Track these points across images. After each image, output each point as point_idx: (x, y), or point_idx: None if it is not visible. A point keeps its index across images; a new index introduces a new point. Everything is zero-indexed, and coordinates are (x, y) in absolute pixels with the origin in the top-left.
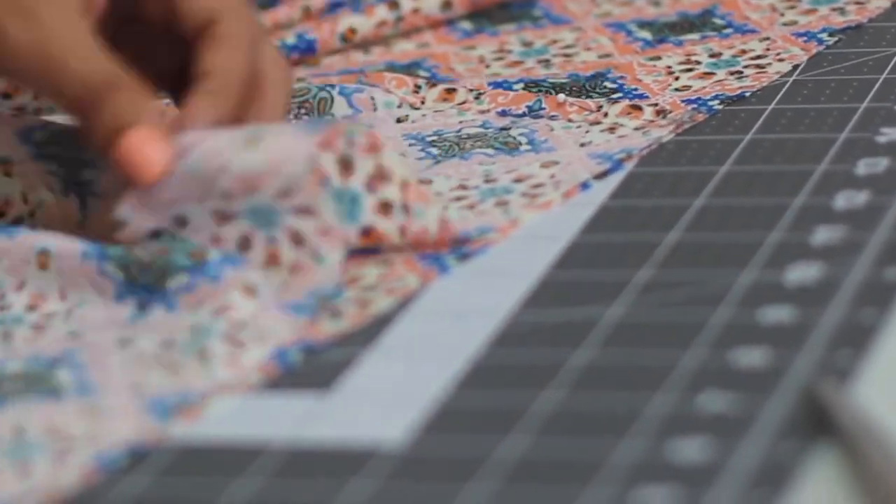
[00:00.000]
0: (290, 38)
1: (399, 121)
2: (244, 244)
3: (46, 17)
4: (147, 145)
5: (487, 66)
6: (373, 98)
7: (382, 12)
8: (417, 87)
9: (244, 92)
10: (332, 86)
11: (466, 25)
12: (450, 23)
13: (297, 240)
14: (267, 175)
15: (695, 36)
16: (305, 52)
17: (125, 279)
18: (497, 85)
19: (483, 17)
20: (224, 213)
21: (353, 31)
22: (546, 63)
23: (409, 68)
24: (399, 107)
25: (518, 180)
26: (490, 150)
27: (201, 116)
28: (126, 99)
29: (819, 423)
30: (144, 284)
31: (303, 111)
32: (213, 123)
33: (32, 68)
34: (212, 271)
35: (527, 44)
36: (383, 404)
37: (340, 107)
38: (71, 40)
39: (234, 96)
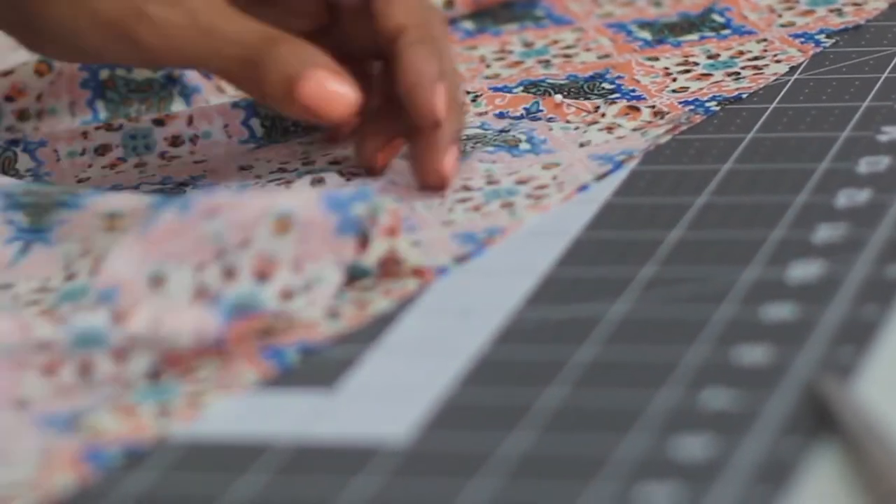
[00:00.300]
0: None
1: None
2: (228, 274)
3: None
4: (329, 82)
5: (488, 66)
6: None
7: None
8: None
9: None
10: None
11: (469, 25)
12: (452, 22)
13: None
14: (285, 265)
15: (693, 37)
16: None
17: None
18: (495, 88)
19: (486, 17)
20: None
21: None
22: (546, 63)
23: None
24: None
25: (521, 182)
26: (489, 148)
27: (426, 69)
28: (290, 48)
29: (821, 420)
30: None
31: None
32: (436, 74)
33: (185, 42)
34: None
35: (528, 44)
36: (387, 401)
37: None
38: (219, 13)
39: (437, 45)
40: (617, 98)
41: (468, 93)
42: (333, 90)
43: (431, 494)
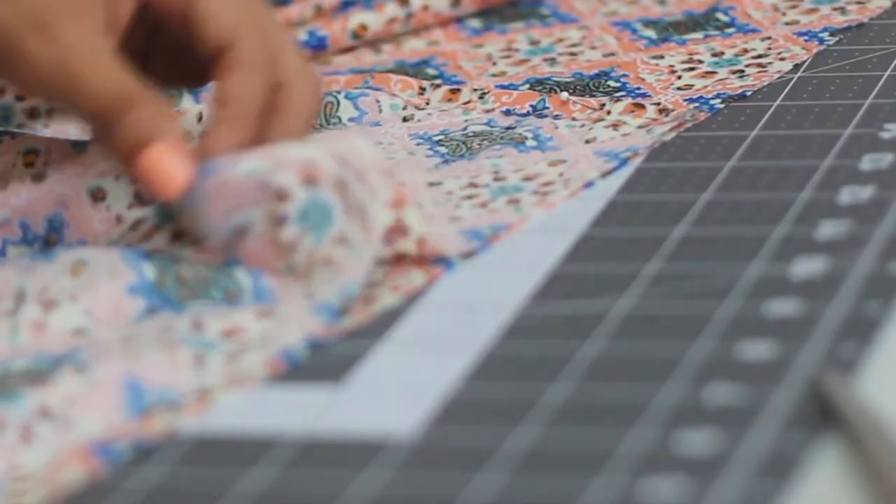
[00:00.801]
0: (302, 35)
1: (405, 119)
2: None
3: (66, 34)
4: (166, 160)
5: (494, 64)
6: (378, 101)
7: (393, 9)
8: (422, 90)
9: (263, 114)
10: (339, 91)
11: (475, 23)
12: (459, 20)
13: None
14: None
15: (698, 35)
16: (317, 49)
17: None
18: (502, 86)
19: (493, 15)
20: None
21: (363, 27)
22: (552, 61)
23: (418, 67)
24: (404, 108)
25: (527, 178)
26: (496, 146)
27: (221, 144)
28: (145, 114)
29: (824, 415)
30: (166, 296)
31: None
32: (232, 150)
33: (51, 84)
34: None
35: (534, 42)
36: (394, 396)
37: (346, 110)
38: (90, 57)
39: (252, 122)
40: (622, 96)
41: (475, 90)
42: (165, 171)
43: (438, 488)
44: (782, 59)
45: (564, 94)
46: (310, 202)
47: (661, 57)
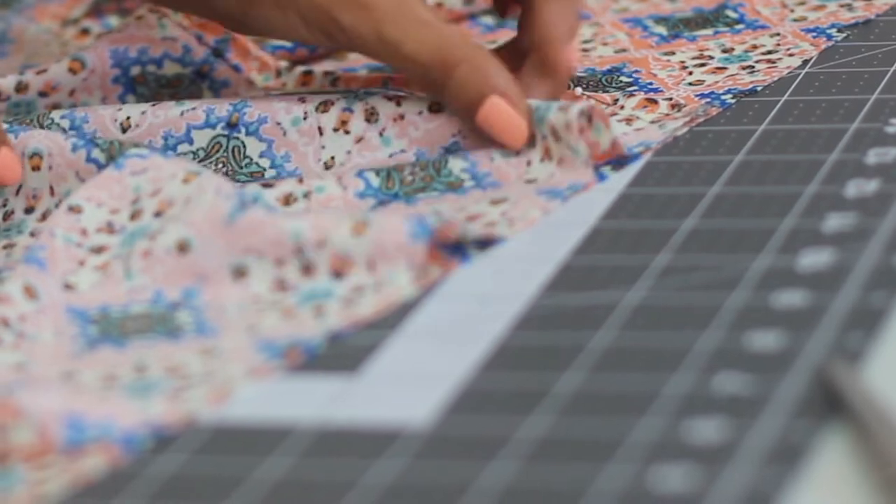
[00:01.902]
0: None
1: (327, 167)
2: (305, 270)
3: (377, 4)
4: (503, 113)
5: None
6: (279, 123)
7: None
8: (279, 73)
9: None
10: (237, 130)
11: (489, 20)
12: (472, 17)
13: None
14: (360, 265)
15: (708, 31)
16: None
17: None
18: None
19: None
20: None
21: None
22: None
23: None
24: (305, 119)
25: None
26: (434, 193)
27: (561, 24)
28: (470, 70)
29: (831, 404)
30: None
31: (220, 165)
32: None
33: (377, 54)
34: None
35: None
36: (409, 386)
37: (254, 147)
38: (403, 22)
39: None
40: (635, 91)
41: (326, 73)
42: (505, 122)
43: (452, 476)
44: (791, 55)
45: (578, 90)
46: (322, 289)
47: (672, 53)
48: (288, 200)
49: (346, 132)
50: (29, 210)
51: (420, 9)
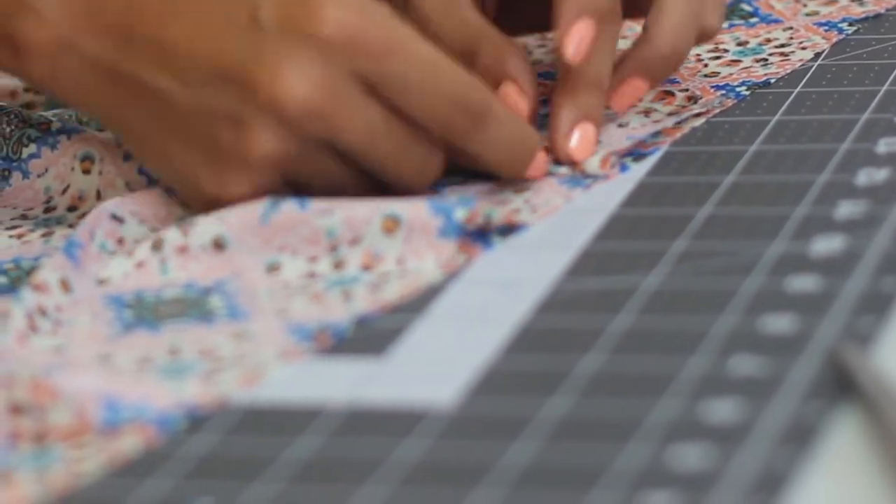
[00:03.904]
0: None
1: None
2: (337, 266)
3: None
4: (511, 99)
5: (530, 53)
6: None
7: None
8: None
9: None
10: None
11: None
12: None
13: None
14: (390, 262)
15: (723, 25)
16: None
17: None
18: (538, 74)
19: None
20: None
21: None
22: None
23: None
24: None
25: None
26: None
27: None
28: (490, 57)
29: (842, 385)
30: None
31: None
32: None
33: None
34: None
35: None
36: (434, 368)
37: None
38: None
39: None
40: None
41: None
42: (513, 108)
43: (477, 455)
44: (804, 48)
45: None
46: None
47: None
48: None
49: None
50: (72, 209)
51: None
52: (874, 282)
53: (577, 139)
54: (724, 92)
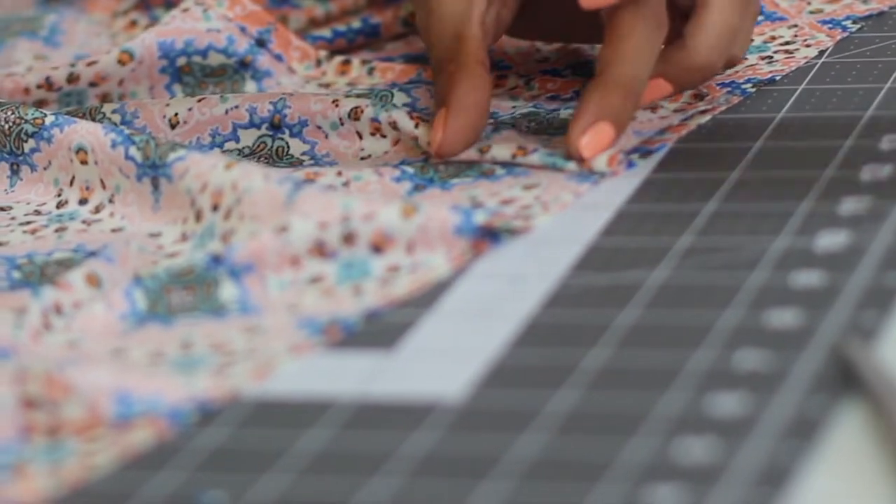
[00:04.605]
0: (356, 23)
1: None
2: (347, 238)
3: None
4: (437, 126)
5: (538, 50)
6: (319, 126)
7: None
8: (318, 62)
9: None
10: (281, 130)
11: None
12: None
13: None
14: (400, 245)
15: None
16: (369, 37)
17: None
18: (546, 71)
19: None
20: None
21: (414, 14)
22: (593, 46)
23: None
24: (342, 125)
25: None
26: (468, 179)
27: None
28: (451, 73)
29: (846, 380)
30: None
31: (263, 160)
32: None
33: (428, 41)
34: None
35: None
36: (443, 361)
37: (296, 147)
38: (445, 18)
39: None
40: None
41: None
42: (438, 126)
43: (485, 448)
44: (808, 46)
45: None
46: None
47: None
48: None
49: (383, 136)
50: (83, 201)
51: (468, 21)
52: (878, 277)
53: (590, 137)
54: (729, 89)
